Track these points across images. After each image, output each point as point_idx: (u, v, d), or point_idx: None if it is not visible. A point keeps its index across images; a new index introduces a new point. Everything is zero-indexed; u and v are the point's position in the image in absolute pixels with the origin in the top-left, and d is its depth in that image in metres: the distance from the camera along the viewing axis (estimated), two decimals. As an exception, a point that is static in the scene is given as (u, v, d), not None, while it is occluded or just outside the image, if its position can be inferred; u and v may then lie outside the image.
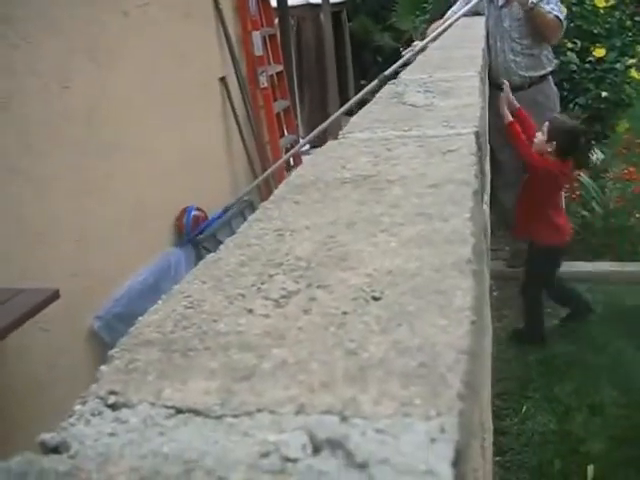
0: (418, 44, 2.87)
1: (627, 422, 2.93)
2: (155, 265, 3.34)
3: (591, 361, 3.35)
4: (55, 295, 2.40)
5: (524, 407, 3.06)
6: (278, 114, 4.88)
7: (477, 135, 0.93)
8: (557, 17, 3.75)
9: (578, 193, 4.67)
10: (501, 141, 4.01)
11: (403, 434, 0.32)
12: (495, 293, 3.81)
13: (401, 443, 0.31)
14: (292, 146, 4.62)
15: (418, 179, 0.71)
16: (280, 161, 3.70)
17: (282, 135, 4.94)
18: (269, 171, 3.53)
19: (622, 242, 4.30)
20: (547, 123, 3.44)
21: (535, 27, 3.83)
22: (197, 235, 3.64)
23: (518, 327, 3.68)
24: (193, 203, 3.74)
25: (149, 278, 3.27)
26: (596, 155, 5.08)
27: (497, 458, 2.70)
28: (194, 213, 3.70)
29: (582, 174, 4.71)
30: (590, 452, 2.78)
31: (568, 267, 4.22)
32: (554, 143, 3.36)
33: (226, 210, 3.72)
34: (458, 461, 0.31)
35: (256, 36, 4.60)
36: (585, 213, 4.51)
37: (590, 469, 2.66)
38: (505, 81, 3.75)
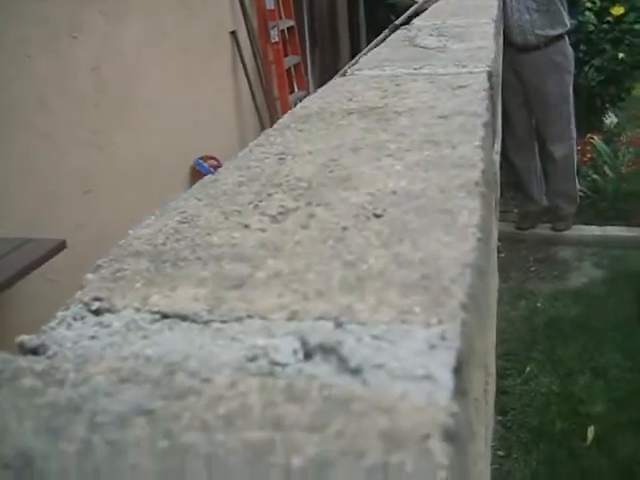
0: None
1: (629, 385, 2.92)
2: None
3: (597, 325, 3.34)
4: (61, 245, 2.39)
5: (527, 368, 3.06)
6: (288, 69, 4.81)
7: (489, 74, 0.89)
8: None
9: (590, 156, 4.61)
10: (515, 102, 3.96)
11: (401, 340, 0.30)
12: (502, 254, 3.78)
13: (398, 349, 0.29)
14: (302, 103, 4.56)
15: (427, 111, 0.68)
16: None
17: (292, 91, 4.87)
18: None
19: (633, 207, 4.25)
20: None
21: None
22: None
23: None
24: (201, 154, 3.71)
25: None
26: (610, 118, 5.01)
27: (499, 417, 2.71)
28: (210, 161, 3.67)
29: (595, 137, 4.65)
30: (591, 413, 2.78)
31: (575, 231, 4.20)
32: None
33: None
34: (459, 370, 0.29)
35: (268, -12, 4.51)
36: (596, 177, 4.46)
37: (590, 430, 2.67)
38: None
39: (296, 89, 4.97)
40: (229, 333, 0.31)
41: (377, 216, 0.42)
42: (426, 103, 0.72)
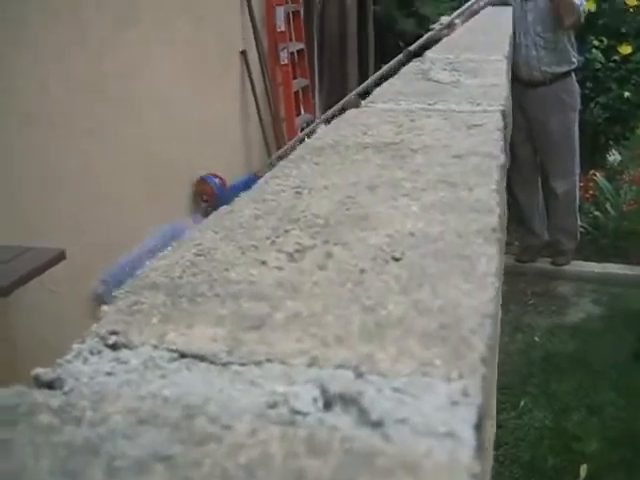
0: (446, 19, 2.82)
1: (624, 424, 2.90)
2: (166, 234, 3.30)
3: (593, 361, 3.32)
4: (61, 256, 2.38)
5: (522, 402, 3.05)
6: (296, 92, 4.84)
7: (503, 114, 0.90)
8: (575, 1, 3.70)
9: (592, 193, 4.62)
10: (521, 137, 3.97)
11: (422, 394, 0.29)
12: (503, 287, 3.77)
13: (420, 403, 0.29)
14: (308, 126, 4.57)
15: (442, 149, 0.69)
16: (299, 136, 3.65)
17: (299, 114, 4.89)
18: (293, 141, 3.47)
19: (633, 246, 4.25)
20: None
21: (553, 9, 3.77)
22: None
23: None
24: (206, 171, 3.71)
25: (158, 247, 3.23)
26: (613, 156, 5.03)
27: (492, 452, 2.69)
28: (216, 180, 3.67)
29: (598, 174, 4.66)
30: (584, 451, 2.76)
31: (575, 267, 4.20)
32: None
33: (256, 176, 3.65)
34: (480, 426, 0.28)
35: (280, 11, 4.55)
36: (597, 214, 4.47)
37: (583, 468, 2.65)
38: None
39: (303, 112, 5.00)
40: (248, 377, 0.31)
41: (396, 259, 0.42)
42: (441, 141, 0.72)
